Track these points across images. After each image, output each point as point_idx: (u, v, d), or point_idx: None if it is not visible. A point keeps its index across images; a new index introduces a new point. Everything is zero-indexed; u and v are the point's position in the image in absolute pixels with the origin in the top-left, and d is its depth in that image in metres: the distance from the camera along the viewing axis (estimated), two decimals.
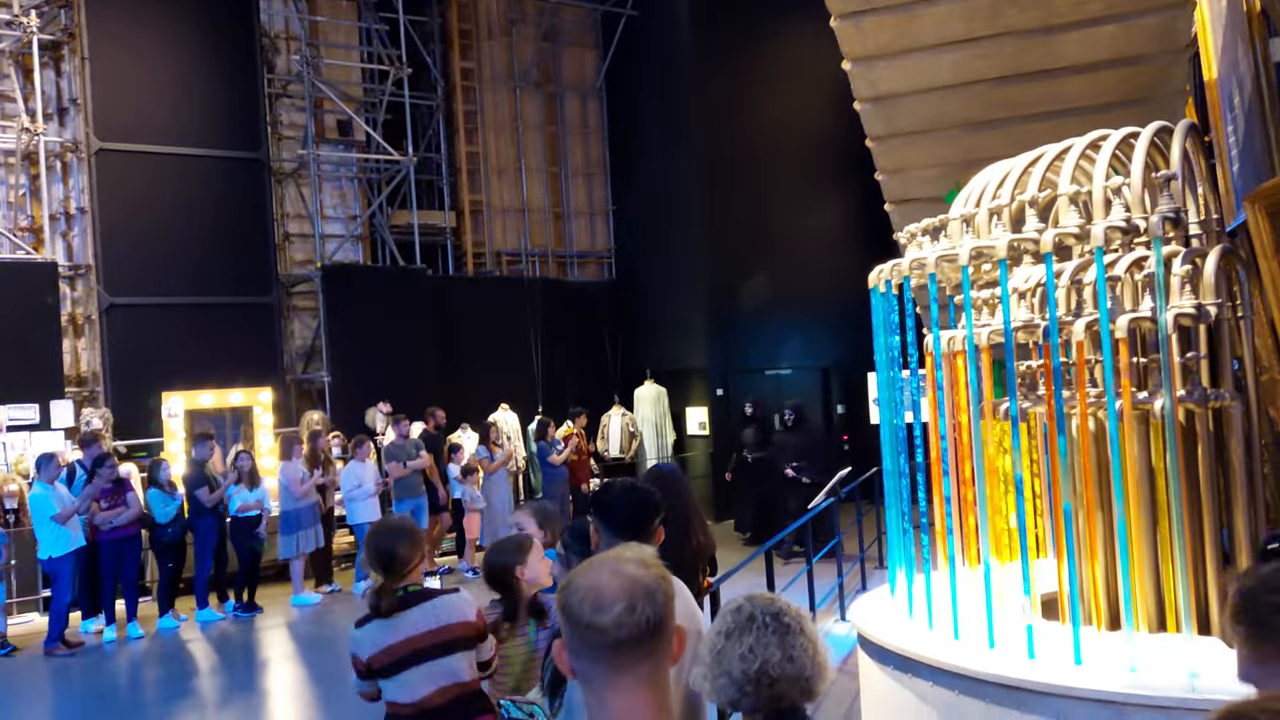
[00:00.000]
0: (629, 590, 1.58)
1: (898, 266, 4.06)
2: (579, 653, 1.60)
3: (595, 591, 1.58)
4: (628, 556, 1.65)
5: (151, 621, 10.22)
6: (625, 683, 1.57)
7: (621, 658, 1.57)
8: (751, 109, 15.78)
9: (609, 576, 1.60)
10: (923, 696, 3.72)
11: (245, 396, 12.94)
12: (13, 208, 13.07)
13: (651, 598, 1.59)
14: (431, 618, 3.55)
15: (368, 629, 3.60)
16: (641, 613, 1.57)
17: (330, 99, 14.98)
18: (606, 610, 1.56)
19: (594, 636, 1.56)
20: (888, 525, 4.47)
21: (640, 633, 1.57)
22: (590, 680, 1.60)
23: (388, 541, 3.67)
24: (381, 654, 3.56)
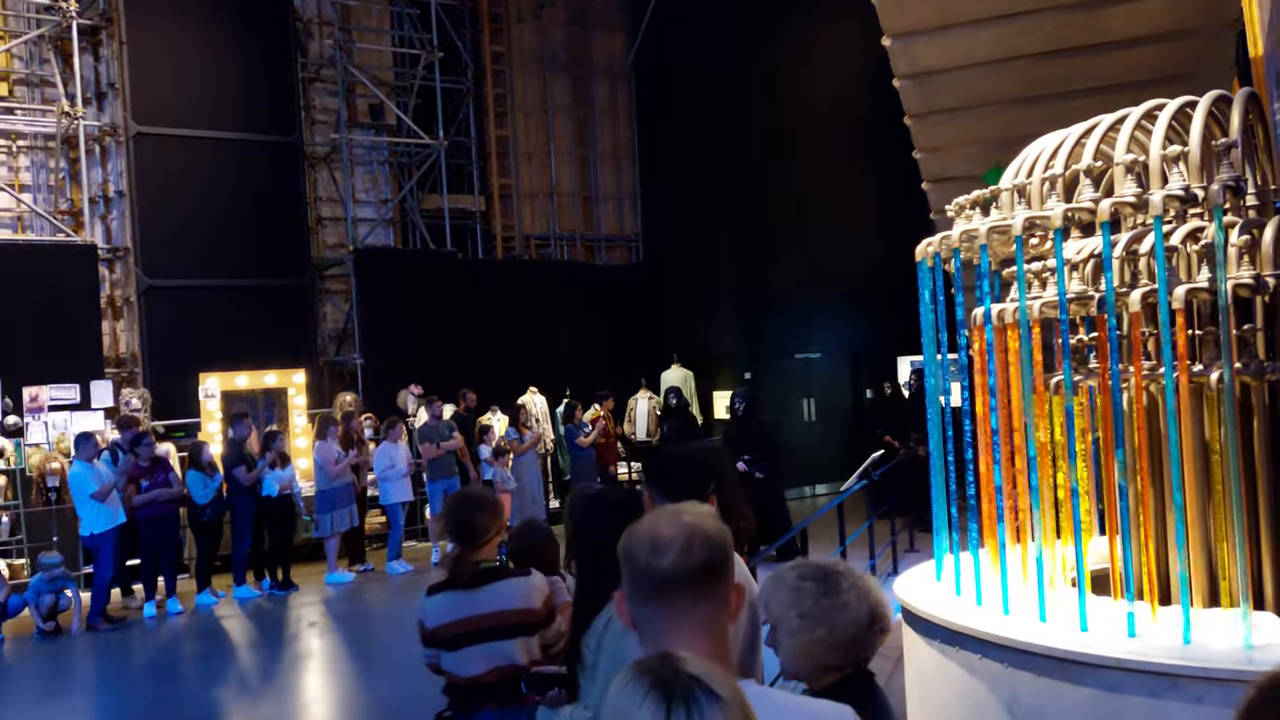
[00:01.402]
0: (686, 534, 1.60)
1: (947, 239, 4.03)
2: (638, 598, 1.62)
3: (653, 535, 1.61)
4: (686, 508, 1.69)
5: (190, 598, 10.38)
6: (683, 626, 1.59)
7: (678, 600, 1.59)
8: (783, 90, 15.69)
9: (667, 522, 1.63)
10: (971, 669, 3.72)
11: (279, 378, 13.06)
12: (53, 191, 13.23)
13: (708, 542, 1.61)
14: (499, 599, 3.58)
15: (437, 599, 3.64)
16: (697, 555, 1.59)
17: (362, 83, 15.05)
18: (664, 552, 1.58)
19: (652, 579, 1.59)
20: (933, 504, 4.46)
21: (696, 575, 1.59)
22: (649, 627, 1.61)
23: (466, 511, 3.69)
24: (446, 626, 3.60)
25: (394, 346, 14.16)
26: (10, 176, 13.03)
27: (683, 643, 1.56)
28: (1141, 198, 3.54)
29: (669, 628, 1.59)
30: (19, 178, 13.13)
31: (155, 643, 9.48)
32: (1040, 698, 3.49)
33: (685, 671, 1.26)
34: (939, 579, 4.41)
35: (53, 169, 13.24)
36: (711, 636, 1.61)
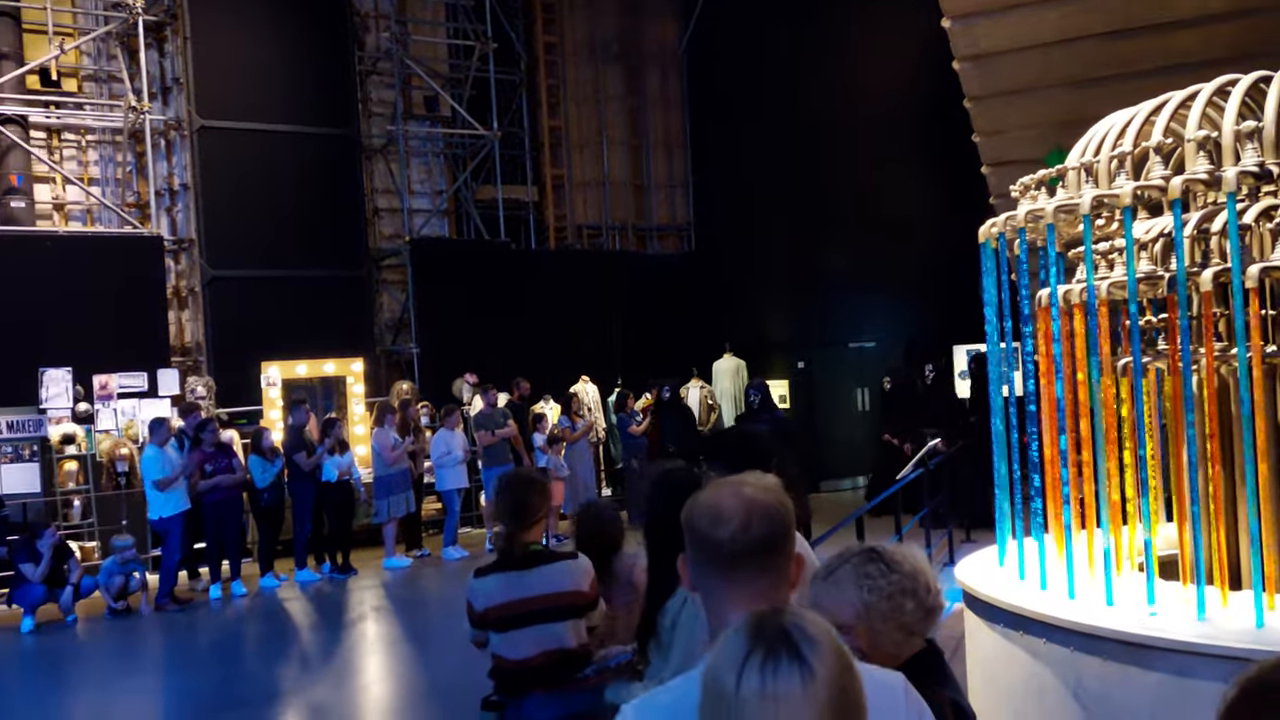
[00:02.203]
0: (746, 508, 1.64)
1: (1012, 220, 3.99)
2: (698, 566, 1.67)
3: (714, 508, 1.65)
4: (749, 480, 1.72)
5: (253, 580, 10.62)
6: (740, 595, 1.62)
7: (737, 571, 1.63)
8: (837, 75, 15.54)
9: (728, 495, 1.67)
10: (1035, 653, 3.69)
11: (338, 367, 13.28)
12: (120, 184, 13.57)
13: (767, 517, 1.64)
14: (548, 582, 3.61)
15: (487, 581, 3.67)
16: (756, 530, 1.63)
17: (418, 75, 15.22)
18: (724, 525, 1.62)
19: (711, 550, 1.63)
20: (996, 488, 4.42)
21: (754, 549, 1.63)
22: (708, 592, 1.67)
23: (520, 492, 3.74)
24: (495, 608, 3.64)
25: (449, 336, 14.33)
26: (80, 170, 13.40)
27: (738, 609, 1.59)
28: (1214, 174, 3.47)
29: (728, 597, 1.63)
30: (88, 171, 13.49)
31: (220, 623, 9.72)
32: (1107, 682, 3.45)
33: (784, 621, 1.29)
34: (1001, 564, 4.38)
35: (120, 163, 13.59)
36: (768, 604, 1.60)
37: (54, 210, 13.34)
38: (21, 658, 8.85)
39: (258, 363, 12.58)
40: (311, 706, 7.20)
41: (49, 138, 13.34)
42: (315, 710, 7.12)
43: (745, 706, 1.24)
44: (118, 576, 9.80)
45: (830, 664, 1.26)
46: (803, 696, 1.23)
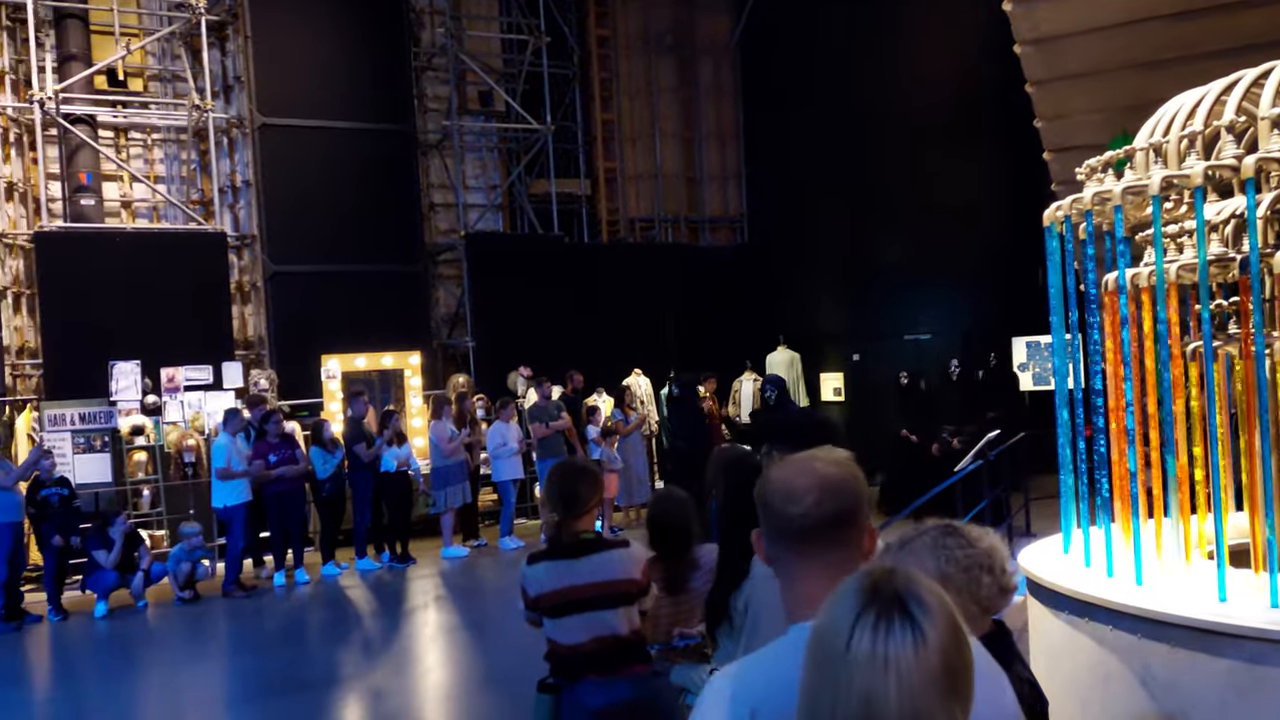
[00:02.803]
0: (818, 484, 1.66)
1: (1078, 202, 3.93)
2: (773, 541, 1.70)
3: (787, 485, 1.68)
4: (821, 455, 1.74)
5: (315, 569, 10.82)
6: (813, 569, 1.65)
7: (810, 546, 1.66)
8: (891, 64, 15.38)
9: (800, 471, 1.70)
10: (1101, 641, 3.64)
11: (396, 360, 13.47)
12: (185, 182, 13.91)
13: (840, 492, 1.67)
14: (599, 570, 3.62)
15: (538, 569, 3.70)
16: (829, 505, 1.66)
17: (473, 70, 15.36)
18: (797, 501, 1.66)
19: (785, 526, 1.67)
20: (1061, 475, 4.37)
21: (827, 524, 1.65)
22: (782, 566, 1.70)
23: (571, 481, 3.76)
24: (547, 595, 3.66)
25: (504, 329, 14.46)
26: (146, 168, 13.74)
27: (815, 584, 1.63)
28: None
29: (802, 572, 1.66)
30: (154, 169, 13.84)
31: (284, 610, 9.94)
32: (1175, 670, 3.40)
33: (898, 583, 1.28)
34: (1066, 551, 4.33)
35: (184, 160, 13.91)
36: (840, 576, 1.60)
37: (122, 208, 13.70)
38: (95, 641, 9.14)
39: (318, 356, 12.79)
40: (372, 690, 7.34)
41: (116, 137, 13.71)
42: (376, 694, 7.25)
43: (854, 667, 1.23)
44: (185, 564, 10.07)
45: (943, 629, 1.25)
46: (914, 660, 1.22)
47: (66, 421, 11.34)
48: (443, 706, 7.05)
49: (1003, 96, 14.51)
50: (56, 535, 9.57)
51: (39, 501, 9.64)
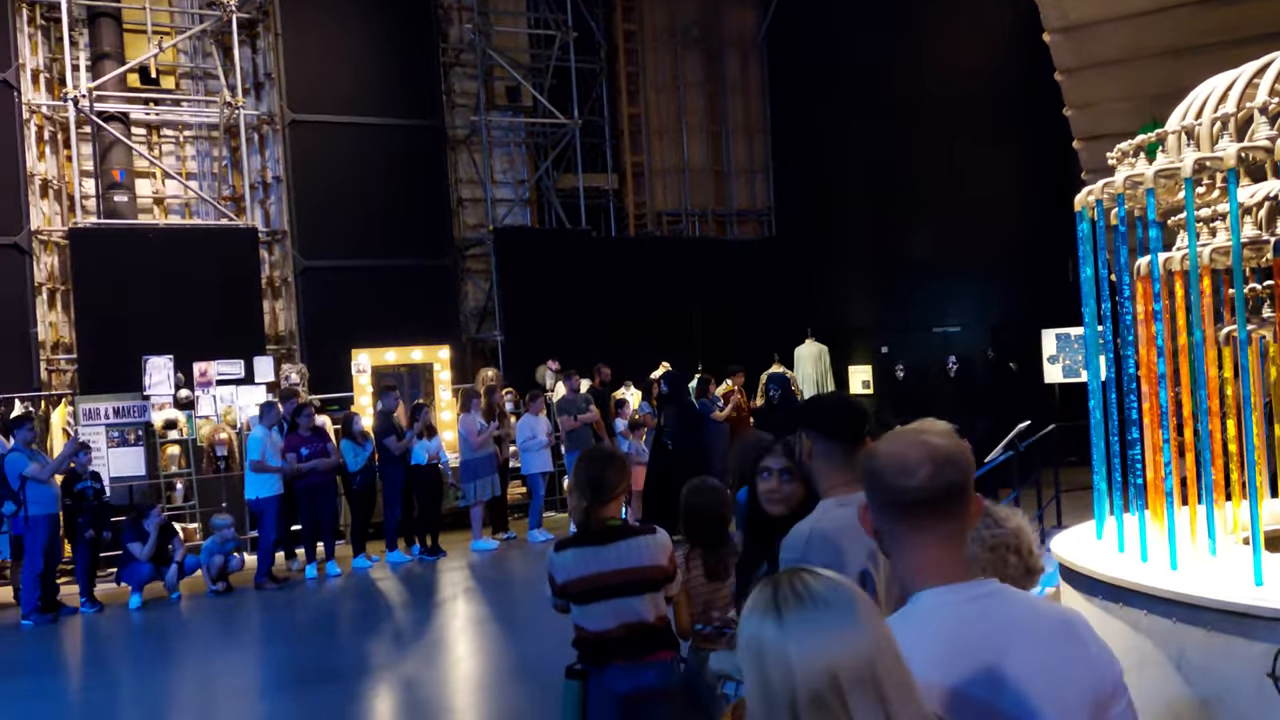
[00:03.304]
0: (931, 457, 1.67)
1: (1110, 186, 3.90)
2: (883, 513, 1.72)
3: (899, 458, 1.69)
4: (927, 428, 1.75)
5: (346, 561, 10.93)
6: (926, 540, 1.68)
7: (924, 518, 1.67)
8: (918, 56, 15.30)
9: (912, 445, 1.70)
10: (1135, 625, 3.62)
11: (425, 354, 13.56)
12: (216, 178, 14.07)
13: (952, 464, 1.68)
14: (626, 557, 3.64)
15: (565, 555, 3.72)
16: (942, 478, 1.66)
17: (500, 66, 15.42)
18: (911, 474, 1.66)
19: (899, 498, 1.67)
20: (1094, 461, 4.34)
21: (940, 496, 1.67)
22: (894, 538, 1.72)
23: (597, 467, 3.77)
24: (574, 582, 3.69)
25: (532, 323, 14.52)
26: (178, 165, 13.91)
27: (928, 554, 1.68)
28: None
29: (915, 542, 1.68)
30: (186, 166, 14.00)
31: (316, 601, 10.04)
32: (1211, 654, 3.37)
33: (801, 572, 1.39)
34: (1099, 537, 4.30)
35: (216, 157, 14.08)
36: (954, 547, 1.71)
37: (154, 204, 13.88)
38: (130, 632, 9.27)
39: (348, 350, 12.90)
40: (404, 680, 7.41)
41: (149, 134, 13.89)
42: (408, 683, 7.32)
43: (790, 643, 1.31)
44: (218, 556, 10.18)
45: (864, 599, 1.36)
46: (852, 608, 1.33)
47: (101, 416, 11.51)
48: (473, 696, 7.11)
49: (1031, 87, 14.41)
50: (89, 529, 9.71)
51: (75, 494, 9.79)
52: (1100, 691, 1.66)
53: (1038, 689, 1.59)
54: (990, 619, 1.63)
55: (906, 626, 1.58)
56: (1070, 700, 1.61)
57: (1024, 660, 1.60)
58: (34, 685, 7.64)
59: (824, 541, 2.56)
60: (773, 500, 3.15)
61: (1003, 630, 1.62)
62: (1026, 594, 1.87)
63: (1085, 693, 1.64)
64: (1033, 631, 1.65)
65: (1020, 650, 1.61)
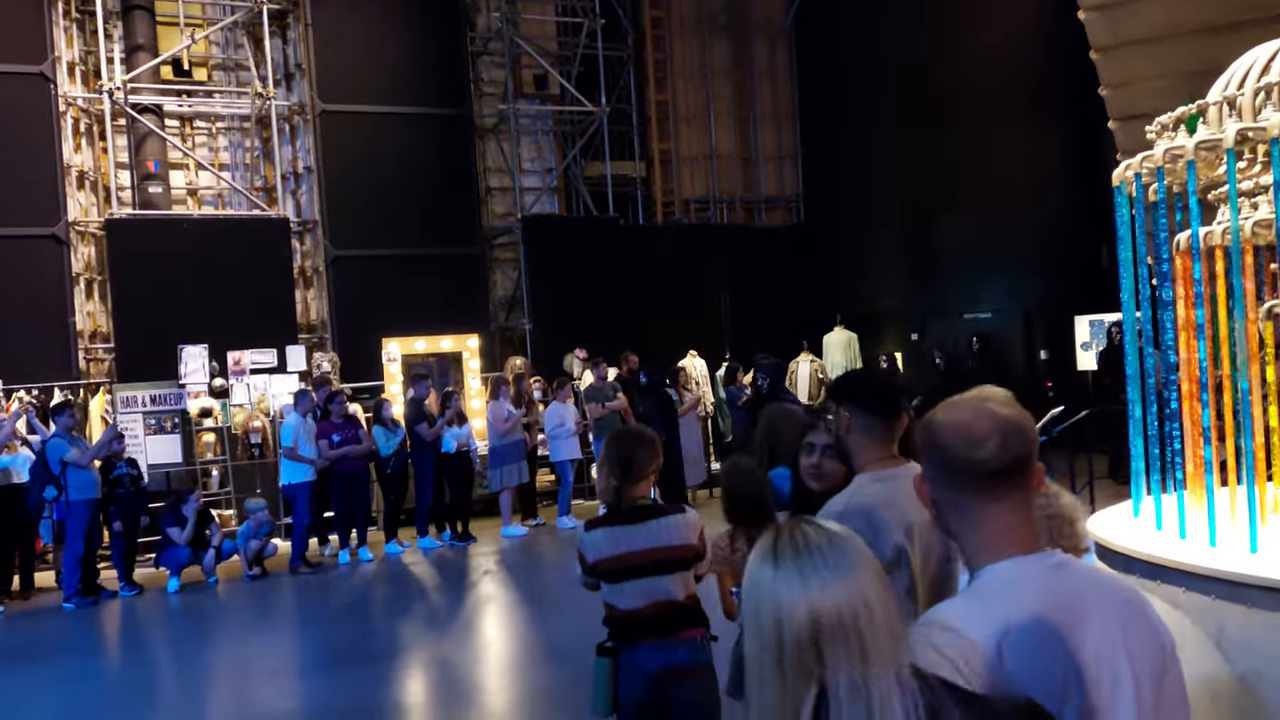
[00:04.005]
0: (1000, 427, 1.64)
1: (1149, 159, 3.85)
2: (949, 486, 1.68)
3: (967, 430, 1.65)
4: (988, 395, 1.71)
5: (378, 547, 11.03)
6: (997, 511, 1.65)
7: (994, 489, 1.65)
8: (947, 41, 15.17)
9: (977, 415, 1.66)
10: (1174, 603, 3.59)
11: (454, 343, 13.62)
12: (249, 169, 14.20)
13: (1021, 433, 1.66)
14: (656, 536, 3.64)
15: (596, 535, 3.73)
16: (1014, 447, 1.64)
17: (528, 54, 15.44)
18: (980, 446, 1.63)
19: (968, 470, 1.64)
20: (1131, 439, 4.30)
21: (1012, 466, 1.64)
22: (961, 510, 1.68)
23: (628, 447, 3.78)
24: (605, 561, 3.70)
25: (560, 311, 14.56)
26: (211, 156, 14.06)
27: (1000, 525, 1.65)
28: None
29: (987, 514, 1.66)
30: (219, 157, 14.15)
31: (349, 586, 10.14)
32: (1251, 630, 3.34)
33: (803, 528, 1.43)
34: (1136, 515, 4.27)
35: (248, 148, 14.21)
36: (1025, 517, 1.68)
37: (188, 195, 14.03)
38: (169, 615, 9.41)
39: (378, 339, 12.98)
40: (438, 661, 7.48)
41: (182, 126, 14.04)
42: (441, 664, 7.39)
43: (786, 584, 1.36)
44: (254, 541, 10.31)
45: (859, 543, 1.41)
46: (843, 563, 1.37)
47: (138, 403, 11.67)
48: (504, 676, 7.16)
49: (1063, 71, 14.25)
50: (118, 518, 9.87)
51: (112, 480, 9.94)
52: (1163, 660, 1.68)
53: (1115, 658, 1.60)
54: (1067, 589, 1.63)
55: (987, 597, 1.59)
56: (1140, 669, 1.62)
57: (1100, 629, 1.61)
58: (76, 666, 7.78)
59: (860, 516, 2.55)
60: (815, 476, 3.16)
61: (1079, 600, 1.62)
62: (1091, 565, 1.87)
63: (1152, 661, 1.65)
64: (1106, 601, 1.65)
65: (1096, 620, 1.61)
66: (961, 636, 1.55)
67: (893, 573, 2.53)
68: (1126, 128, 7.45)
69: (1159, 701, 1.65)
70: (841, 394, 2.92)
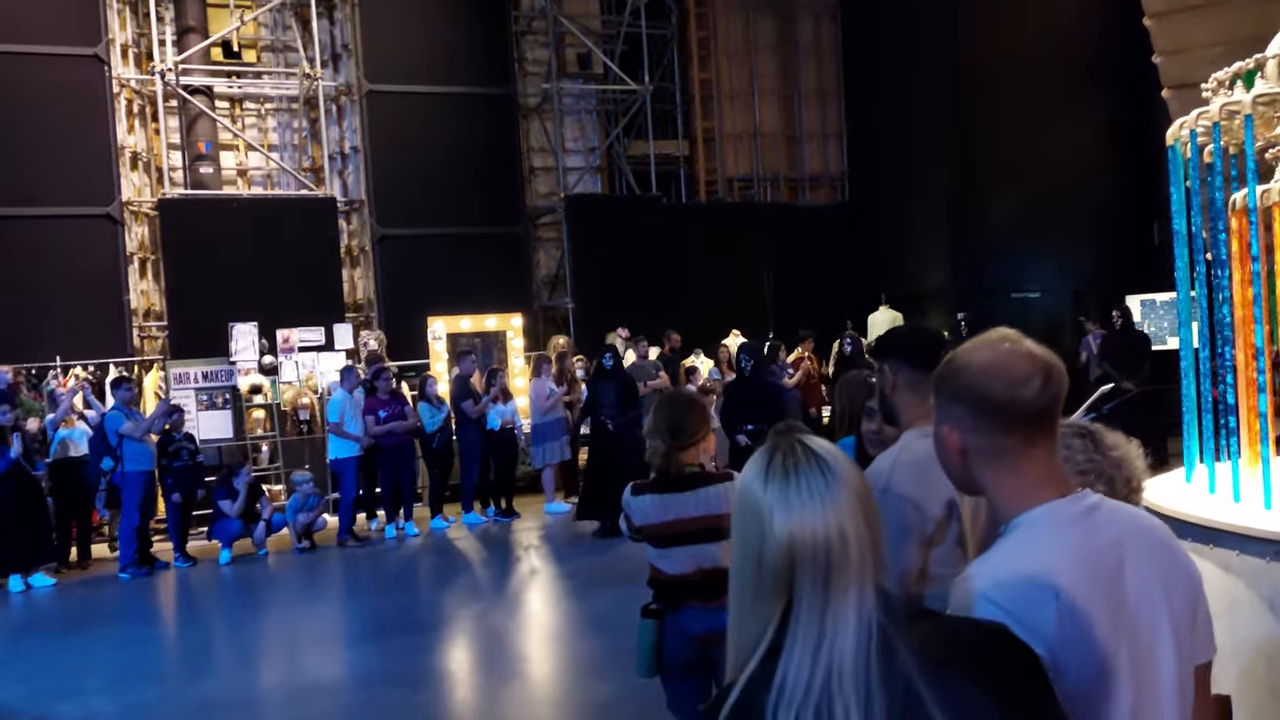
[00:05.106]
0: (1041, 365, 1.60)
1: (1205, 115, 3.77)
2: (989, 430, 1.61)
3: (1008, 370, 1.59)
4: (1010, 335, 1.65)
5: (424, 522, 11.18)
6: (1037, 454, 1.62)
7: (1037, 429, 1.61)
8: (995, 19, 14.92)
9: (1014, 355, 1.61)
10: (1226, 566, 3.53)
11: (498, 322, 13.71)
12: (297, 149, 14.37)
13: (1059, 370, 1.62)
14: (703, 504, 3.63)
15: (644, 500, 3.72)
16: (1056, 383, 1.60)
17: (571, 33, 15.42)
18: (1024, 385, 1.58)
19: (1013, 411, 1.59)
20: (1184, 405, 4.24)
21: (1055, 403, 1.61)
22: (999, 455, 1.62)
23: (678, 412, 3.74)
24: (652, 526, 3.70)
25: (602, 290, 14.56)
26: (260, 137, 14.24)
27: (1039, 469, 1.61)
28: None
29: (1026, 458, 1.61)
30: (268, 138, 14.33)
31: (396, 558, 10.31)
32: None
33: (797, 436, 1.46)
34: (1189, 481, 4.20)
35: (296, 129, 14.38)
36: (1057, 460, 1.67)
37: (238, 175, 14.24)
38: (221, 585, 9.64)
39: (424, 317, 13.11)
40: (482, 631, 7.58)
41: (232, 107, 14.23)
42: (489, 633, 7.49)
43: (773, 505, 1.39)
44: (302, 514, 10.52)
45: (840, 460, 1.43)
46: (824, 485, 1.39)
47: (190, 380, 11.92)
48: (548, 646, 7.24)
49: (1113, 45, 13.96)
50: (175, 491, 10.10)
51: (170, 453, 10.16)
52: (1196, 598, 1.67)
53: (1156, 598, 1.59)
54: (1107, 531, 1.61)
55: (1030, 544, 1.57)
56: (1178, 608, 1.62)
57: (1141, 570, 1.60)
58: (132, 632, 8.00)
59: (909, 470, 2.54)
60: (875, 441, 3.15)
61: (1119, 541, 1.60)
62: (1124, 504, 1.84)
63: (1188, 599, 1.64)
64: (1143, 541, 1.64)
65: (1136, 561, 1.60)
66: (1012, 587, 1.53)
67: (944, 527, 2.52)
68: (1180, 96, 7.28)
69: (1194, 638, 1.65)
70: (886, 351, 2.89)
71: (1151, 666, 1.58)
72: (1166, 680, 1.59)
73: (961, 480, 1.71)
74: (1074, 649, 1.50)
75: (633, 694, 5.47)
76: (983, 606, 1.51)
